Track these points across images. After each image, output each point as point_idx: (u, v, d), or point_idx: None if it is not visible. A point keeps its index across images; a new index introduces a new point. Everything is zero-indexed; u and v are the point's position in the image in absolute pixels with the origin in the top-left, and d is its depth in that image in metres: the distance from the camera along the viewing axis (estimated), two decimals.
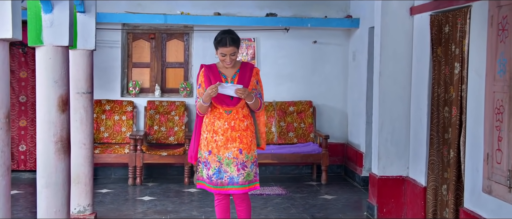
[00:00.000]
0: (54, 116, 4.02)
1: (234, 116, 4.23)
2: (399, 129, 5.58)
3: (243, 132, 4.25)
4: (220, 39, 4.16)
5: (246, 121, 4.28)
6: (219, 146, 4.22)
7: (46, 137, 4.02)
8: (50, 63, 3.99)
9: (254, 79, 4.32)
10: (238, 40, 4.23)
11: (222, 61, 4.23)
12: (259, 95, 4.34)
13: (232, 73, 4.29)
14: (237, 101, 4.22)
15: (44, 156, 4.04)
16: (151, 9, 7.43)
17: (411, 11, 5.45)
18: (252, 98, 4.19)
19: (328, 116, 7.93)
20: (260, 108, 4.34)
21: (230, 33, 4.20)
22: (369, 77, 6.89)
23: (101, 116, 7.39)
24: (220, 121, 4.23)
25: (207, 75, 4.26)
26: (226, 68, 4.28)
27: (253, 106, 4.26)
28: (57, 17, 3.97)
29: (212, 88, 4.05)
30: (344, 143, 7.93)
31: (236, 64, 4.31)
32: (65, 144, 4.09)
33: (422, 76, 5.26)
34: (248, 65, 4.37)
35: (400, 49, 5.52)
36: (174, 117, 7.50)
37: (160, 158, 7.04)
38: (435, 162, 4.93)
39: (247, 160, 4.25)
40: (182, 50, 7.78)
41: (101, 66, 7.36)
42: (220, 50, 4.17)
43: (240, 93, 4.08)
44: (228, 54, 4.16)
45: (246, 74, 4.29)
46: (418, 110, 5.34)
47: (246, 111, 4.29)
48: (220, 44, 4.16)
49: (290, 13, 7.70)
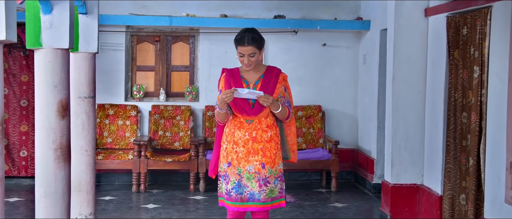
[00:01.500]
0: (53, 122, 3.83)
1: (256, 126, 3.87)
2: (413, 135, 5.42)
3: (266, 144, 3.87)
4: (239, 37, 3.83)
5: (270, 132, 3.89)
6: (239, 157, 3.87)
7: (45, 144, 3.84)
8: (49, 67, 3.81)
9: (281, 86, 3.92)
10: (261, 40, 3.85)
11: (241, 63, 3.88)
12: (288, 104, 3.94)
13: (255, 78, 3.92)
14: (259, 110, 3.84)
15: (43, 164, 3.86)
16: (156, 11, 7.30)
17: (425, 13, 5.29)
18: (278, 106, 3.82)
19: (338, 120, 7.76)
20: (289, 118, 3.94)
21: (251, 32, 3.85)
22: (381, 81, 6.74)
23: (104, 121, 7.24)
24: (241, 131, 3.88)
25: (227, 81, 3.91)
26: (248, 73, 3.91)
27: (280, 115, 3.89)
28: (57, 18, 3.78)
29: (227, 93, 3.69)
30: (354, 149, 7.75)
31: (260, 68, 3.93)
32: (65, 151, 3.91)
33: (437, 81, 5.09)
34: (274, 70, 3.96)
35: (414, 52, 5.37)
36: (179, 122, 7.35)
37: (165, 164, 6.89)
38: (452, 170, 4.74)
39: (270, 176, 3.86)
40: (188, 53, 7.65)
41: (104, 69, 7.24)
42: (239, 50, 3.83)
43: (263, 101, 3.72)
44: (246, 55, 3.79)
45: (271, 80, 3.89)
46: (434, 115, 5.16)
47: (270, 120, 3.91)
48: (239, 42, 3.82)
49: (299, 15, 7.54)
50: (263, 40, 3.85)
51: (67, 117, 3.91)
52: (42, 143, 3.84)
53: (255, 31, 3.86)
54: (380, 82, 6.76)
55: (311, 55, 7.66)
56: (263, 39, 3.84)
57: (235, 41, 3.85)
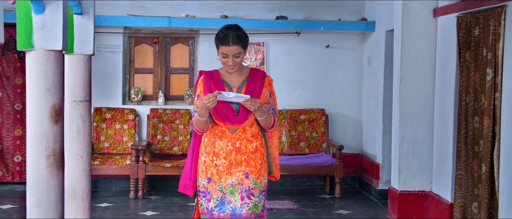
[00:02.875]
0: (46, 127, 3.68)
1: (240, 136, 3.45)
2: (422, 140, 5.28)
3: (250, 155, 3.46)
4: (222, 36, 3.40)
5: (256, 142, 3.49)
6: (220, 171, 3.43)
7: (36, 150, 3.69)
8: (41, 69, 3.65)
9: (267, 91, 3.53)
10: (246, 38, 3.44)
11: (223, 65, 3.46)
12: (272, 111, 3.54)
13: (239, 82, 3.52)
14: (243, 117, 3.42)
15: (35, 171, 3.71)
16: (154, 12, 7.17)
17: (434, 13, 5.15)
18: (263, 113, 3.41)
19: (342, 124, 7.61)
20: (274, 127, 3.54)
21: (234, 29, 3.41)
22: (386, 84, 6.61)
23: (101, 125, 7.10)
24: (222, 141, 3.44)
25: (207, 84, 3.49)
26: (230, 75, 3.51)
27: (264, 123, 3.48)
28: (49, 19, 3.64)
29: (210, 97, 3.24)
30: (358, 154, 7.60)
31: (243, 71, 3.54)
32: (58, 158, 3.75)
33: (447, 83, 4.94)
34: (259, 73, 3.57)
35: (422, 54, 5.24)
36: (178, 126, 7.22)
37: (164, 169, 6.74)
38: (463, 177, 4.58)
39: (255, 187, 3.45)
40: (187, 55, 7.52)
41: (101, 72, 7.13)
42: (221, 50, 3.40)
43: (250, 105, 3.30)
44: (230, 55, 3.38)
45: (256, 83, 3.50)
46: (443, 119, 5.01)
47: (255, 129, 3.51)
48: (222, 41, 3.38)
49: (302, 16, 7.41)
50: (248, 39, 3.47)
51: (60, 122, 3.77)
52: (34, 150, 3.69)
53: (239, 28, 3.45)
54: (386, 85, 6.63)
55: (314, 57, 7.52)
56: (248, 37, 3.47)
57: (217, 40, 3.44)
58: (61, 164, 3.79)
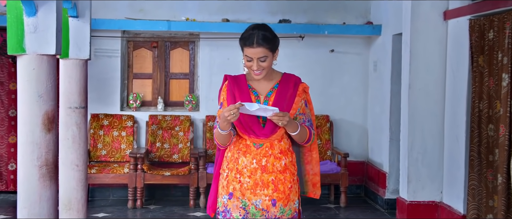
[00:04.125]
0: (38, 136, 3.53)
1: (266, 151, 3.03)
2: (432, 148, 5.14)
3: (278, 175, 3.01)
4: (246, 36, 3.00)
5: (285, 159, 3.04)
6: (244, 188, 3.03)
7: (28, 160, 3.53)
8: (33, 75, 3.51)
9: (301, 100, 3.09)
10: (274, 39, 3.04)
11: (248, 69, 3.05)
12: (309, 123, 3.09)
13: (268, 89, 3.09)
14: (271, 130, 3.01)
15: (26, 182, 3.55)
16: (153, 15, 7.04)
17: (445, 16, 5.01)
18: (296, 127, 2.97)
19: (347, 131, 7.46)
20: (310, 141, 3.07)
21: (261, 29, 3.01)
22: (393, 90, 6.49)
23: (98, 132, 6.95)
24: (247, 158, 3.03)
25: (231, 91, 3.09)
26: (258, 81, 3.09)
27: (298, 138, 3.02)
28: (42, 21, 3.50)
29: (230, 109, 2.84)
30: (364, 161, 7.44)
31: (273, 76, 3.11)
32: (51, 168, 3.60)
33: (459, 89, 4.80)
34: (292, 79, 3.12)
35: (432, 58, 5.12)
36: (178, 133, 7.08)
37: (163, 178, 6.59)
38: (476, 187, 4.42)
39: (282, 216, 3.03)
40: (187, 60, 7.39)
41: (98, 77, 7.01)
42: (246, 52, 3.00)
43: (277, 119, 2.88)
44: (255, 59, 2.97)
45: (288, 91, 3.06)
46: (455, 127, 4.85)
47: (285, 143, 3.07)
48: (246, 43, 2.98)
49: (305, 19, 7.27)
50: (278, 40, 3.06)
51: (53, 130, 3.62)
52: (25, 159, 3.53)
53: (267, 28, 3.06)
54: (393, 91, 6.51)
55: (318, 62, 7.39)
56: (277, 38, 3.06)
57: (241, 41, 3.04)
58: (55, 174, 3.64)
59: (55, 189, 3.64)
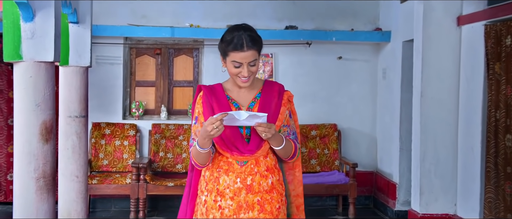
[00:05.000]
0: (35, 146, 3.42)
1: (251, 169, 2.68)
2: (445, 159, 5.00)
3: (265, 195, 2.68)
4: (231, 39, 2.64)
5: (272, 178, 2.71)
6: (226, 215, 2.67)
7: (24, 172, 3.42)
8: (31, 83, 3.41)
9: (285, 109, 2.76)
10: (260, 40, 2.71)
11: (233, 76, 2.69)
12: (294, 136, 2.78)
13: (249, 99, 2.76)
14: (257, 145, 2.66)
15: (23, 195, 3.44)
16: (156, 21, 6.96)
17: (458, 21, 4.88)
18: (281, 140, 2.64)
19: (355, 141, 7.33)
20: (294, 157, 2.76)
21: (246, 29, 2.67)
22: (403, 98, 6.37)
23: (100, 141, 6.84)
24: (229, 177, 2.67)
25: (208, 103, 2.72)
26: (238, 91, 2.76)
27: (282, 153, 2.70)
28: (40, 27, 3.40)
29: (213, 122, 2.47)
30: (373, 172, 7.30)
31: (255, 85, 2.78)
32: (49, 180, 3.49)
33: (473, 98, 4.66)
34: (275, 87, 2.80)
35: (445, 65, 4.99)
36: (182, 142, 6.96)
37: (166, 189, 6.47)
38: (493, 200, 4.27)
39: None
40: (191, 67, 7.30)
41: (100, 85, 6.92)
42: (232, 57, 2.63)
43: (262, 130, 2.55)
44: (245, 64, 2.62)
45: (272, 101, 2.74)
46: (469, 137, 4.71)
47: (271, 160, 2.73)
48: (233, 47, 2.63)
49: (312, 25, 7.16)
50: (262, 41, 2.74)
51: (51, 140, 3.50)
52: (22, 171, 3.42)
53: (251, 28, 2.73)
54: (403, 99, 6.39)
55: (326, 69, 7.28)
56: (261, 39, 2.75)
57: (225, 45, 2.68)
58: (52, 187, 3.53)
59: (52, 202, 3.53)
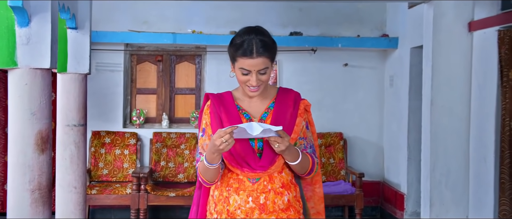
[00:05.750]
0: (30, 157, 3.31)
1: (265, 187, 2.43)
2: (456, 170, 4.88)
3: (281, 214, 2.44)
4: (240, 44, 2.39)
5: (288, 194, 2.46)
6: None
7: (19, 184, 3.31)
8: (26, 91, 3.29)
9: (302, 120, 2.51)
10: (274, 46, 2.44)
11: (242, 84, 2.45)
12: (311, 150, 2.51)
13: (262, 110, 2.52)
14: (269, 160, 2.41)
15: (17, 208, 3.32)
16: (158, 28, 6.89)
17: (470, 27, 4.76)
18: (296, 154, 2.40)
19: (361, 150, 7.23)
20: (313, 172, 2.49)
21: (258, 33, 2.41)
22: (411, 106, 6.28)
23: (99, 150, 6.74)
24: (240, 196, 2.43)
25: (216, 113, 2.49)
26: (250, 100, 2.53)
27: (299, 169, 2.44)
28: (35, 32, 3.29)
29: (221, 135, 2.23)
30: (379, 181, 7.19)
31: (268, 93, 2.54)
32: (44, 192, 3.37)
33: (486, 106, 4.55)
34: (291, 95, 2.54)
35: (456, 72, 4.89)
36: (184, 151, 6.88)
37: (168, 199, 6.37)
38: (508, 213, 4.14)
39: None
40: (194, 74, 7.23)
41: (100, 93, 6.87)
42: (240, 63, 2.39)
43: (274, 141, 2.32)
44: (254, 72, 2.37)
45: (287, 111, 2.48)
46: (482, 147, 4.58)
47: (287, 175, 2.49)
48: (244, 52, 2.37)
49: (318, 32, 7.08)
50: (276, 47, 2.47)
51: (47, 151, 3.38)
52: (16, 183, 3.30)
53: (265, 31, 2.46)
54: (411, 107, 6.30)
55: (331, 77, 7.20)
56: (276, 44, 2.47)
57: (234, 50, 2.42)
58: (48, 199, 3.40)
59: (48, 215, 3.41)
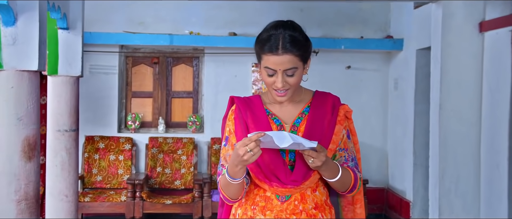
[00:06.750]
0: (16, 165, 3.16)
1: (296, 207, 2.13)
2: (466, 177, 4.74)
3: None
4: (266, 38, 2.09)
5: (322, 217, 2.17)
6: None
7: (4, 194, 3.17)
8: (12, 94, 3.15)
9: (342, 129, 2.20)
10: (306, 43, 2.14)
11: (269, 88, 2.15)
12: (353, 163, 2.20)
13: (295, 115, 2.21)
14: (303, 174, 2.10)
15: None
16: (154, 29, 6.81)
17: (480, 27, 4.63)
18: (336, 170, 2.09)
19: (365, 155, 7.08)
20: (355, 189, 2.17)
21: (288, 28, 2.10)
22: (417, 110, 6.18)
23: (93, 156, 6.64)
24: (268, 216, 2.13)
25: (242, 119, 2.19)
26: (281, 105, 2.22)
27: (339, 186, 2.14)
28: (22, 32, 3.16)
29: (246, 143, 1.93)
30: (384, 188, 7.07)
31: (303, 97, 2.25)
32: (31, 203, 3.22)
33: (498, 110, 4.41)
34: (329, 99, 2.24)
35: (466, 75, 4.76)
36: (181, 157, 6.78)
37: (164, 206, 6.27)
38: None
39: None
40: (191, 77, 7.16)
41: (94, 96, 6.79)
42: (265, 61, 2.09)
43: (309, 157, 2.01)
44: (280, 72, 2.07)
45: (324, 117, 2.18)
46: (494, 153, 4.44)
47: (321, 194, 2.19)
48: (267, 47, 2.08)
49: (320, 33, 6.98)
50: (311, 44, 2.17)
51: (35, 158, 3.22)
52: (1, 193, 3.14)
53: (296, 26, 2.15)
54: (417, 111, 6.20)
55: (334, 79, 7.12)
56: (310, 42, 2.17)
57: (259, 46, 2.12)
58: (36, 210, 3.24)
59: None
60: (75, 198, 4.51)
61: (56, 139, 4.41)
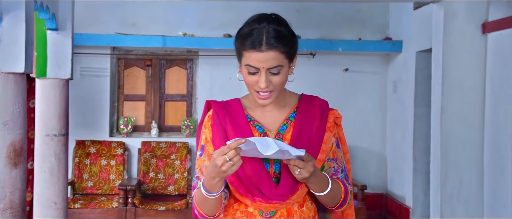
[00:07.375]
0: (1, 172, 3.13)
1: None
2: (469, 183, 4.66)
3: None
4: (248, 33, 1.90)
5: None
6: None
7: None
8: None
9: (331, 136, 2.00)
10: (292, 39, 1.93)
11: (250, 89, 1.96)
12: (343, 175, 2.01)
13: (280, 121, 2.02)
14: (290, 188, 1.90)
15: None
16: (147, 30, 6.73)
17: (483, 28, 4.57)
18: (325, 182, 1.88)
19: (363, 160, 7.07)
20: (345, 204, 1.97)
21: (272, 22, 1.91)
22: (417, 113, 6.12)
23: (84, 161, 6.58)
24: None
25: (219, 126, 2.00)
26: (263, 110, 2.03)
27: (327, 200, 1.93)
28: (8, 32, 3.11)
29: (224, 151, 1.73)
30: (383, 194, 7.02)
31: (287, 100, 2.05)
32: (17, 211, 3.14)
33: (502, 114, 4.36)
34: (316, 103, 2.04)
35: (469, 77, 4.69)
36: (174, 162, 6.71)
37: (157, 213, 6.18)
38: None
39: None
40: (185, 79, 7.10)
41: (85, 99, 6.72)
42: (246, 59, 1.90)
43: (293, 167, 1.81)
44: (263, 70, 1.88)
45: (312, 123, 1.98)
46: (498, 158, 4.37)
47: (309, 210, 1.99)
48: (248, 43, 1.88)
49: (317, 34, 6.92)
50: (297, 41, 1.96)
51: (21, 165, 3.13)
52: None
53: (281, 20, 1.96)
54: (416, 115, 6.14)
55: (331, 82, 7.05)
56: (296, 38, 1.97)
57: (241, 42, 1.91)
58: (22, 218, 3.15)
59: None
60: (64, 205, 4.41)
61: (45, 144, 4.32)
